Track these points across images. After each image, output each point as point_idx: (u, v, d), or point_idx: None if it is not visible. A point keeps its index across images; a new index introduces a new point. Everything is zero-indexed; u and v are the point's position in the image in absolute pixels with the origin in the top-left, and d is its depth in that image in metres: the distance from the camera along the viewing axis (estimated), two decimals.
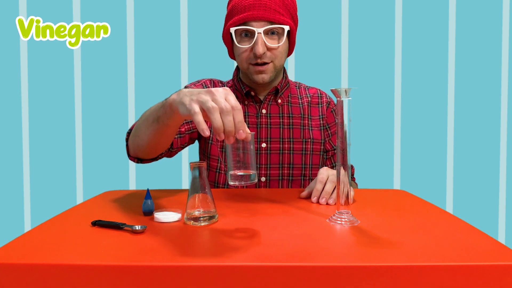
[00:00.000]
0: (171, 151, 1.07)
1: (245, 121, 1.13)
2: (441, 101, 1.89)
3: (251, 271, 0.53)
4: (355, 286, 0.52)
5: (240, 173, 0.68)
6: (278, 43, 1.05)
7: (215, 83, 1.20)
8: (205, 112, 0.64)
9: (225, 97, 0.64)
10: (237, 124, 0.63)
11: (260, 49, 1.02)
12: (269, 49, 1.05)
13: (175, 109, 0.72)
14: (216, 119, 0.62)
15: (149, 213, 0.79)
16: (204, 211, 0.74)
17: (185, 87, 1.18)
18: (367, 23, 1.87)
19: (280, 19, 1.03)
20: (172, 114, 0.75)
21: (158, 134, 0.86)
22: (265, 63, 1.06)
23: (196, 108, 0.64)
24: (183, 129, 1.08)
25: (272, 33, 1.05)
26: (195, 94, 0.66)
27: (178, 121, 0.79)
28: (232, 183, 0.68)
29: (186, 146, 1.14)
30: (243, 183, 0.67)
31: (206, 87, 1.17)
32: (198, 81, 1.20)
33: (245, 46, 1.05)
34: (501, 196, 1.92)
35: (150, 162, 1.02)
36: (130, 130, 1.01)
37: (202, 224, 0.72)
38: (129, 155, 1.02)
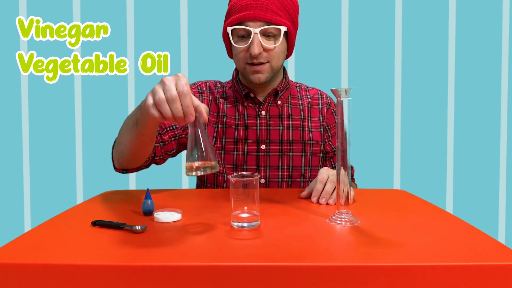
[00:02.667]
0: (155, 159, 1.07)
1: (245, 123, 1.13)
2: (441, 101, 1.89)
3: (251, 271, 0.53)
4: (355, 286, 0.52)
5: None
6: (275, 44, 1.04)
7: (210, 86, 1.19)
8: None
9: (176, 83, 0.67)
10: (184, 109, 0.66)
11: (255, 50, 1.02)
12: (265, 49, 1.04)
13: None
14: (164, 110, 0.67)
15: (149, 213, 0.79)
16: (203, 162, 0.68)
17: None
18: (367, 23, 1.87)
19: (277, 19, 1.02)
20: (147, 114, 0.76)
21: (140, 136, 0.87)
22: (261, 63, 1.06)
23: (150, 100, 0.69)
24: (166, 137, 1.07)
25: (269, 33, 1.04)
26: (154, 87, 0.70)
27: (153, 121, 0.79)
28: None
29: (177, 152, 1.13)
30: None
31: (201, 90, 1.17)
32: (194, 84, 1.20)
33: (242, 46, 1.05)
34: (501, 196, 1.92)
35: (135, 171, 1.04)
36: (114, 142, 1.03)
37: (203, 173, 0.67)
38: (114, 167, 1.04)
